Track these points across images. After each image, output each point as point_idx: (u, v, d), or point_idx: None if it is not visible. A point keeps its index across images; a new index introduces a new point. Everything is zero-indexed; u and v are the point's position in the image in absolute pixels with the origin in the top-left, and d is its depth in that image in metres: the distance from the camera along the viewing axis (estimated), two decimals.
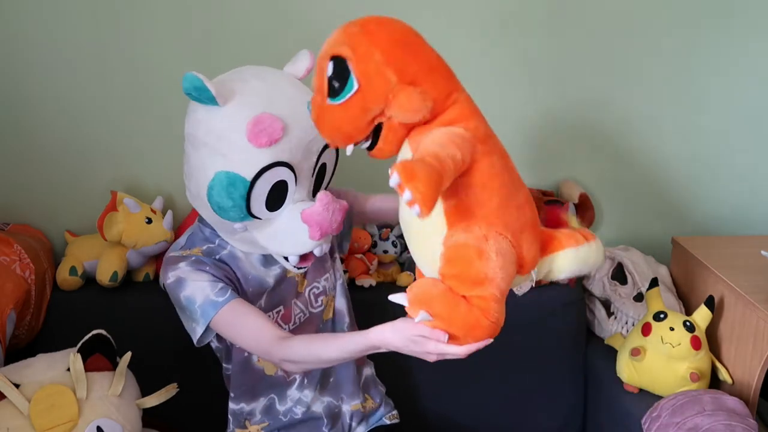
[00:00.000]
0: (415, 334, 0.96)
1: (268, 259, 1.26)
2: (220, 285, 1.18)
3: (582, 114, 1.73)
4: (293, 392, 1.32)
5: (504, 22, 1.64)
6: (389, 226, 1.66)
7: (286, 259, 1.19)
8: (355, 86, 0.90)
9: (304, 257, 1.19)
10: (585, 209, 1.74)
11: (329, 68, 0.91)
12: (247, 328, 1.17)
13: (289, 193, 1.14)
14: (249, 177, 1.08)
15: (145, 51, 1.59)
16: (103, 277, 1.56)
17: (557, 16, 1.65)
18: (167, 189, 1.70)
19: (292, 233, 1.14)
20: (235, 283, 1.23)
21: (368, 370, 1.43)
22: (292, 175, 1.12)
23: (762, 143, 1.79)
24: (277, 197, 1.13)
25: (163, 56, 1.60)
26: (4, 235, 1.52)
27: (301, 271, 1.22)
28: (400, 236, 1.74)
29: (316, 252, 1.17)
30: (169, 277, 1.20)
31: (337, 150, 1.20)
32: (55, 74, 1.60)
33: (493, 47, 1.66)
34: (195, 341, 1.21)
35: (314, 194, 1.18)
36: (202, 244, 1.24)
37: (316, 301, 1.32)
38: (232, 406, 1.33)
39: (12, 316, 1.42)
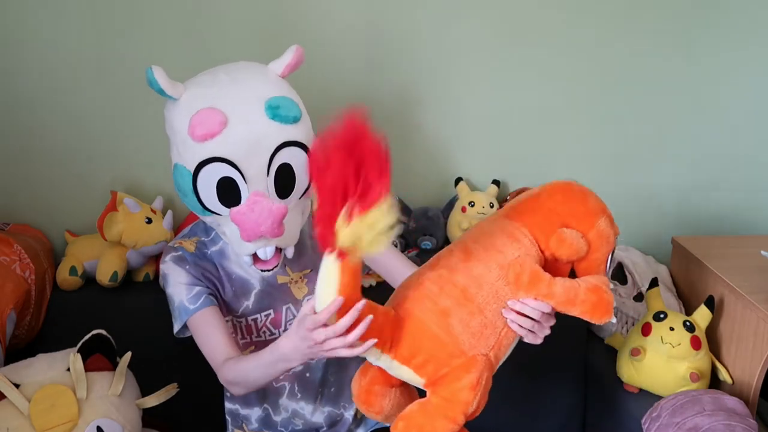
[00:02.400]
0: (303, 330, 0.96)
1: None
2: (196, 290, 1.18)
3: (583, 114, 1.74)
4: (285, 401, 1.30)
5: (514, 25, 1.66)
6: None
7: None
8: None
9: (257, 259, 1.15)
10: None
11: None
12: (206, 342, 1.18)
13: (241, 190, 1.08)
14: (191, 170, 1.07)
15: (145, 51, 1.59)
16: (103, 277, 1.56)
17: (559, 18, 1.65)
18: (167, 189, 1.70)
19: (236, 233, 1.11)
20: (215, 282, 1.22)
21: None
22: (237, 172, 1.06)
23: (762, 143, 1.79)
24: (229, 193, 1.08)
25: (163, 56, 1.60)
26: (4, 235, 1.52)
27: (265, 274, 1.17)
28: (401, 236, 1.74)
29: (261, 255, 1.12)
30: (161, 269, 1.23)
31: (307, 149, 1.11)
32: (55, 74, 1.60)
33: (497, 49, 1.67)
34: (174, 333, 1.22)
35: (283, 196, 1.12)
36: (201, 234, 1.25)
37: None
38: (228, 405, 1.33)
39: (12, 316, 1.42)
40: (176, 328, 1.21)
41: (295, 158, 1.10)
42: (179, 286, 1.19)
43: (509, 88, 1.70)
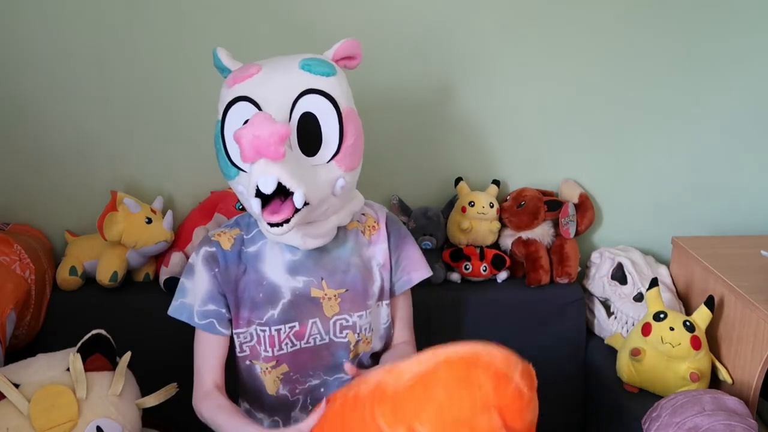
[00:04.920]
0: None
1: (294, 268, 1.20)
2: (210, 307, 1.19)
3: (583, 114, 1.74)
4: (297, 414, 1.27)
5: (512, 24, 1.65)
6: None
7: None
8: None
9: (266, 207, 1.03)
10: (585, 209, 1.74)
11: None
12: (197, 360, 1.22)
13: None
14: (221, 117, 1.11)
15: (146, 51, 1.59)
16: (103, 277, 1.56)
17: (559, 16, 1.65)
18: (167, 189, 1.70)
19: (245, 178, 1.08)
20: (237, 292, 1.20)
21: None
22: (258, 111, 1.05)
23: (762, 142, 1.79)
24: None
25: (163, 56, 1.60)
26: (4, 235, 1.52)
27: (275, 231, 1.03)
28: None
29: (262, 185, 0.99)
30: (190, 257, 1.23)
31: (336, 105, 1.09)
32: (55, 74, 1.60)
33: (500, 47, 1.67)
34: (168, 312, 1.22)
35: (310, 154, 1.08)
36: (243, 229, 1.23)
37: (341, 333, 1.23)
38: (241, 401, 1.31)
39: (12, 316, 1.42)
40: (171, 309, 1.21)
41: (322, 111, 1.09)
42: (197, 290, 1.19)
43: (509, 88, 1.70)
